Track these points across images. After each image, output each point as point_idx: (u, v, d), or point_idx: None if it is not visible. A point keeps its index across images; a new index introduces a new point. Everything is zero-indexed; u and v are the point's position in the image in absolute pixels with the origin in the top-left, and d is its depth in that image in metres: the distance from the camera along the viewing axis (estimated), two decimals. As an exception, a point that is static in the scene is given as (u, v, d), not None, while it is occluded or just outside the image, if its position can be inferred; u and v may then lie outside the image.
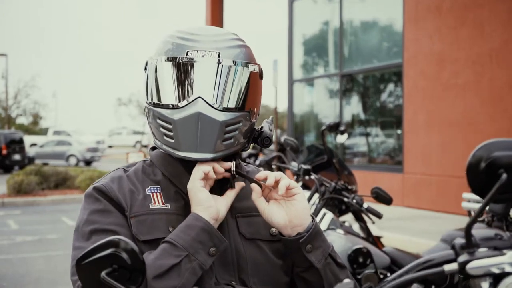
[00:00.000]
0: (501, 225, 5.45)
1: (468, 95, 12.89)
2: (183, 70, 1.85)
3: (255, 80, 1.94)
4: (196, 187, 1.85)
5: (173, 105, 1.86)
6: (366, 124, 17.11)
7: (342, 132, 7.03)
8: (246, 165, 2.12)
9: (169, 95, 1.87)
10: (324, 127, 5.63)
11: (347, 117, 17.28)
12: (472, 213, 11.41)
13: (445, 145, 13.41)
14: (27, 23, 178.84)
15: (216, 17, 20.66)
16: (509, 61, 12.05)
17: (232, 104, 1.88)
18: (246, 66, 1.90)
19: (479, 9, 12.70)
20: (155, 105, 1.91)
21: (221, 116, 1.85)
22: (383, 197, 4.98)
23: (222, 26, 21.38)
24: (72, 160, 35.34)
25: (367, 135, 16.93)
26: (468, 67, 12.91)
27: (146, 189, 1.94)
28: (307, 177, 5.29)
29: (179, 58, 1.86)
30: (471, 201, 11.35)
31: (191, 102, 1.84)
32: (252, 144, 2.02)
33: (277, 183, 1.88)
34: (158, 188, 1.95)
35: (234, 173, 1.93)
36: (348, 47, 17.28)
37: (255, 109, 1.98)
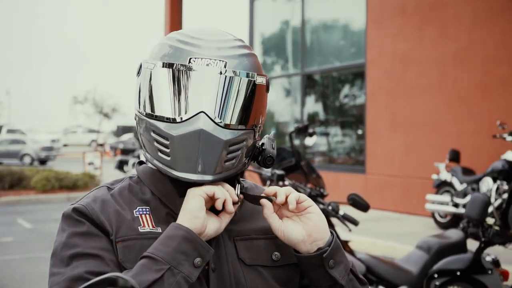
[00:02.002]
0: (477, 231, 5.37)
1: (432, 96, 12.87)
2: (184, 79, 1.65)
3: (261, 94, 1.74)
4: (192, 195, 1.65)
5: (170, 119, 1.66)
6: (328, 124, 17.03)
7: (310, 135, 6.89)
8: (243, 180, 1.91)
9: (166, 106, 1.67)
10: (292, 130, 5.50)
11: (309, 117, 17.18)
12: (436, 215, 11.44)
13: (408, 146, 13.38)
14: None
15: (175, 14, 20.37)
16: (474, 62, 12.05)
17: (236, 121, 1.68)
18: (254, 78, 1.70)
19: (444, 10, 12.68)
20: (149, 115, 1.70)
21: (225, 135, 1.66)
22: (360, 204, 4.86)
23: (181, 24, 21.18)
24: (27, 159, 34.66)
25: (329, 135, 16.85)
26: (433, 67, 12.89)
27: (134, 211, 1.73)
28: (280, 183, 5.12)
29: (179, 65, 1.65)
30: (435, 203, 11.43)
31: (192, 117, 1.64)
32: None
33: (286, 198, 1.70)
34: (147, 210, 1.74)
35: (240, 197, 1.73)
36: (310, 46, 17.18)
37: (260, 126, 1.78)
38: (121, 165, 23.44)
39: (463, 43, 12.28)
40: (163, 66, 1.66)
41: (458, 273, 5.29)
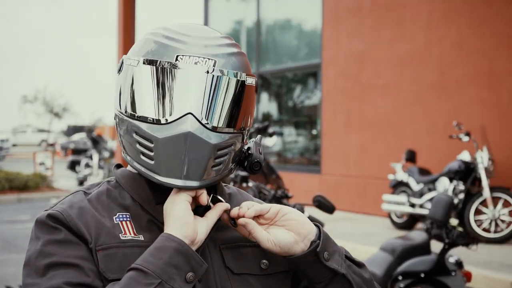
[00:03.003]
0: (441, 232, 5.36)
1: (388, 96, 12.90)
2: (170, 78, 1.54)
3: (250, 95, 1.65)
4: (179, 200, 1.54)
5: (154, 120, 1.56)
6: (284, 124, 16.99)
7: (271, 135, 6.80)
8: (225, 185, 1.81)
9: (150, 106, 1.56)
10: (252, 130, 5.38)
11: (263, 117, 17.12)
12: (393, 215, 11.46)
13: (364, 146, 13.39)
14: None
15: (128, 12, 20.17)
16: (430, 62, 12.11)
17: (225, 123, 1.59)
18: (244, 79, 1.61)
19: (400, 10, 12.73)
20: (131, 116, 1.60)
21: (214, 138, 1.56)
22: (325, 206, 4.79)
23: (134, 22, 20.97)
24: (-25, 160, 33.88)
25: (284, 135, 16.80)
26: (389, 67, 12.92)
27: (114, 217, 1.62)
28: (244, 184, 5.02)
29: (165, 62, 1.55)
30: (391, 203, 11.45)
31: (179, 118, 1.54)
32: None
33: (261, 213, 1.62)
34: (128, 216, 1.63)
35: (210, 206, 1.62)
36: (265, 46, 17.12)
37: (248, 129, 1.69)
38: (73, 166, 23.05)
39: (419, 43, 12.33)
40: (147, 63, 1.56)
41: (422, 275, 5.27)
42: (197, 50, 1.56)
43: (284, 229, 1.60)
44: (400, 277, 5.26)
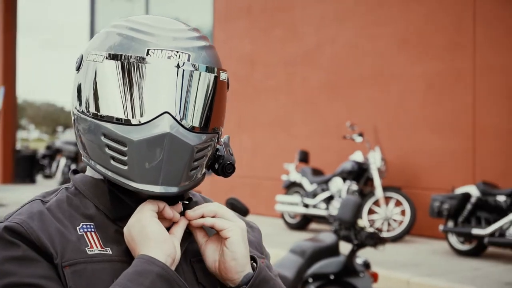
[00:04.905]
0: (349, 233, 5.36)
1: (280, 97, 12.94)
2: (141, 74, 1.39)
3: (224, 91, 1.52)
4: (147, 217, 1.38)
5: (123, 120, 1.39)
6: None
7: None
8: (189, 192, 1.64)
9: (117, 105, 1.40)
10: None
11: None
12: (286, 215, 11.50)
13: (257, 147, 13.39)
14: None
15: (9, 7, 19.45)
16: (322, 63, 12.24)
17: (201, 123, 1.45)
18: (218, 74, 1.48)
19: (291, 11, 12.80)
20: (94, 115, 1.43)
21: (193, 139, 1.43)
22: (239, 209, 4.69)
23: (16, 17, 20.20)
24: None
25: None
26: (280, 68, 12.97)
27: (77, 228, 1.43)
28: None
29: (136, 57, 1.39)
30: (285, 203, 11.49)
31: (155, 118, 1.39)
32: None
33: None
34: (92, 226, 1.45)
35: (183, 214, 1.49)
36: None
37: (222, 128, 1.56)
38: None
39: (311, 44, 12.44)
40: (113, 59, 1.40)
41: (332, 277, 5.27)
42: (168, 43, 1.42)
43: (217, 251, 1.46)
44: (310, 280, 5.23)
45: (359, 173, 10.48)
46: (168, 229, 1.44)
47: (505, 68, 9.60)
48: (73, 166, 18.68)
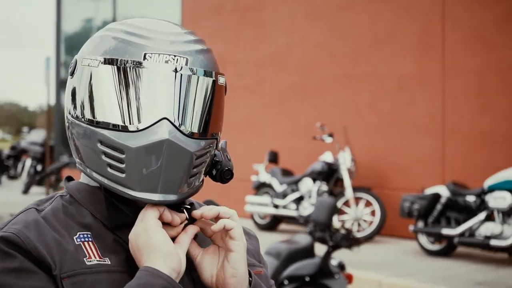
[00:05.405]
0: (324, 235, 5.35)
1: (249, 97, 12.91)
2: (139, 79, 1.35)
3: (222, 96, 1.49)
4: (152, 227, 1.33)
5: (120, 126, 1.36)
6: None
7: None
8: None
9: (114, 111, 1.37)
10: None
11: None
12: (256, 216, 11.47)
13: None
14: None
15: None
16: (291, 63, 12.24)
17: (200, 128, 1.42)
18: (216, 78, 1.44)
19: (262, 11, 12.77)
20: (89, 122, 1.39)
21: (192, 145, 1.39)
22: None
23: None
24: None
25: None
26: (250, 69, 12.94)
27: (75, 237, 1.39)
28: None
29: (133, 62, 1.35)
30: (254, 204, 11.46)
31: (153, 124, 1.35)
32: None
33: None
34: (89, 236, 1.40)
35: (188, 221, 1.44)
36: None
37: (220, 134, 1.52)
38: None
39: (281, 45, 12.42)
40: (109, 63, 1.36)
41: (307, 279, 5.26)
42: (163, 47, 1.38)
43: (215, 264, 1.42)
44: (286, 282, 5.21)
45: (329, 174, 10.50)
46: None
47: (474, 69, 9.69)
48: (39, 167, 18.46)
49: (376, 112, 10.88)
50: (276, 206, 10.94)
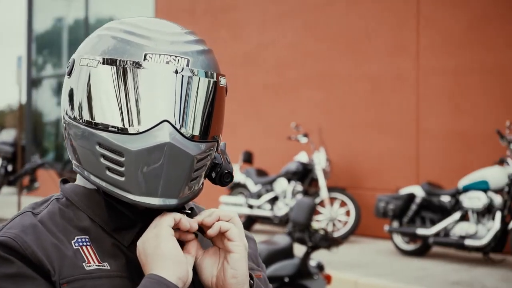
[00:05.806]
0: (303, 235, 5.34)
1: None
2: (139, 80, 1.32)
3: (223, 97, 1.46)
4: (163, 234, 1.30)
5: (119, 129, 1.32)
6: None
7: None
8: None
9: (113, 113, 1.33)
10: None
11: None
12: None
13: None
14: None
15: None
16: (265, 64, 12.23)
17: (201, 131, 1.39)
18: (217, 79, 1.41)
19: (234, 12, 12.75)
20: (87, 123, 1.35)
21: (193, 148, 1.36)
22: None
23: None
24: None
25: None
26: (223, 69, 12.66)
27: (73, 242, 1.35)
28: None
29: (133, 62, 1.32)
30: (229, 204, 11.42)
31: (153, 127, 1.32)
32: None
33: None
34: (87, 240, 1.37)
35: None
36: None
37: (220, 136, 1.49)
38: None
39: (253, 45, 12.41)
40: (108, 64, 1.31)
41: (286, 279, 5.24)
42: (163, 47, 1.34)
43: (216, 266, 1.39)
44: (265, 283, 5.18)
45: (304, 174, 10.50)
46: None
47: (448, 70, 9.75)
48: (9, 167, 18.21)
49: (350, 112, 10.91)
50: (250, 206, 10.91)
